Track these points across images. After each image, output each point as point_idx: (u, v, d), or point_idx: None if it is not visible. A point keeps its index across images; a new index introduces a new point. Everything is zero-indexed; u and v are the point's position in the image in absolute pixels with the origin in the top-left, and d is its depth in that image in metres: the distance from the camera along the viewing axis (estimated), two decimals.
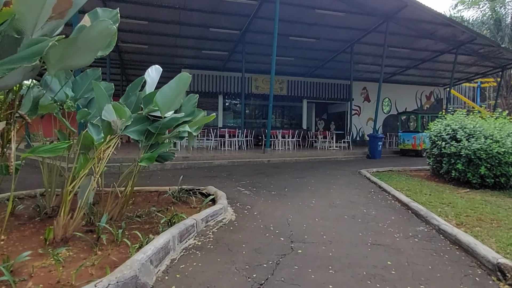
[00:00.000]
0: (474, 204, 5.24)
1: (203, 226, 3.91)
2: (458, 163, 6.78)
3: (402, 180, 7.37)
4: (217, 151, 12.04)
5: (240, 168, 9.06)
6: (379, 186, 6.70)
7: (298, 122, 20.42)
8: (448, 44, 15.34)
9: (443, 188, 6.52)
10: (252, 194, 5.78)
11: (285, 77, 19.00)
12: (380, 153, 12.86)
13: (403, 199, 5.28)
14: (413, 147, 13.51)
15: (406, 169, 9.48)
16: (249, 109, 19.98)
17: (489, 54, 16.82)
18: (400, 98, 21.60)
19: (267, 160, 10.45)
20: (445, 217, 4.53)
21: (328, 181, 7.29)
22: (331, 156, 12.40)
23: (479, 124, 7.07)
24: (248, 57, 15.82)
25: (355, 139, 20.43)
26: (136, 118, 4.11)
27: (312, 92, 19.56)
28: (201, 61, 17.09)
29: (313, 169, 9.30)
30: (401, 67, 18.83)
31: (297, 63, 17.72)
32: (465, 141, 6.79)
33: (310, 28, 13.48)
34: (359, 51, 15.90)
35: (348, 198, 5.61)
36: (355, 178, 7.73)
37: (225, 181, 7.11)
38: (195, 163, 9.27)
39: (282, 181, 7.19)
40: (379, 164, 10.63)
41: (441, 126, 7.66)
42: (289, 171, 8.79)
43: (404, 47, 15.70)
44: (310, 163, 10.78)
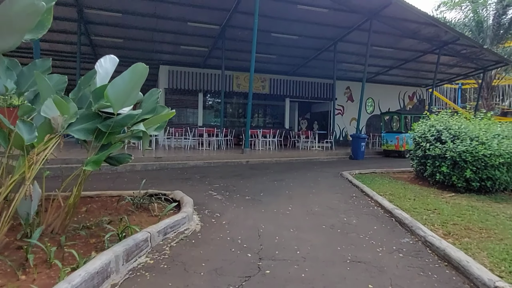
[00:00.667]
0: (460, 210, 4.90)
1: (160, 240, 3.39)
2: (443, 166, 6.46)
3: (385, 183, 7.01)
4: (194, 151, 11.48)
5: (215, 170, 8.54)
6: (361, 190, 6.32)
7: (281, 121, 20.01)
8: (431, 44, 15.21)
9: (428, 192, 6.19)
10: (224, 199, 5.29)
11: (267, 75, 18.55)
12: (363, 154, 12.56)
13: (386, 205, 4.89)
14: (396, 148, 13.28)
15: (389, 171, 9.17)
16: (230, 108, 19.45)
17: (471, 55, 16.82)
18: (383, 98, 21.47)
19: (246, 161, 9.97)
20: (431, 226, 4.16)
21: (308, 184, 6.86)
22: (313, 156, 12.02)
23: (464, 125, 6.77)
24: (229, 53, 15.28)
25: (338, 139, 20.18)
26: (84, 115, 3.55)
27: (295, 91, 19.18)
28: (180, 57, 16.45)
29: (293, 170, 8.87)
30: (384, 66, 18.66)
31: (280, 61, 17.29)
32: (450, 142, 6.48)
33: (292, 24, 13.06)
34: (342, 49, 15.59)
35: (328, 204, 5.18)
36: (337, 181, 7.34)
37: (197, 184, 6.59)
38: (168, 164, 8.70)
39: (259, 184, 6.72)
40: (362, 166, 10.30)
41: (425, 127, 7.35)
42: (267, 173, 8.33)
43: (388, 46, 15.49)
44: (290, 164, 10.36)
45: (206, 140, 12.50)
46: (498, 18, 20.11)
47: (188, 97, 17.63)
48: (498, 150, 6.11)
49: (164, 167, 8.54)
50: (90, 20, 12.41)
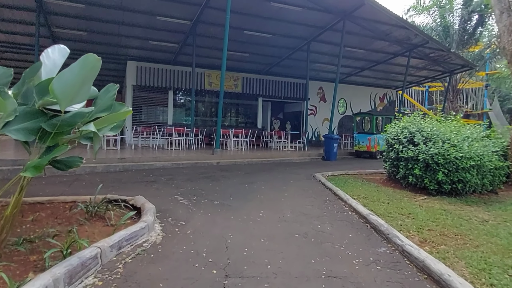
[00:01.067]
0: (434, 214, 4.80)
1: (112, 256, 2.99)
2: (415, 168, 6.40)
3: (358, 186, 6.88)
4: (162, 151, 10.96)
5: (184, 171, 8.11)
6: (334, 193, 6.13)
7: (253, 121, 19.74)
8: (402, 46, 15.44)
9: (401, 195, 6.09)
10: (191, 205, 4.91)
11: (240, 74, 18.21)
12: (335, 155, 12.51)
13: (360, 210, 4.70)
14: (368, 149, 13.34)
15: (362, 173, 9.10)
16: (202, 106, 18.96)
17: (439, 59, 17.27)
18: (355, 99, 21.70)
19: (216, 162, 9.59)
20: (407, 232, 4.00)
21: (280, 187, 6.60)
22: (286, 157, 11.82)
23: (436, 128, 6.76)
24: (200, 50, 14.82)
25: (311, 140, 20.18)
26: (25, 112, 3.07)
27: (268, 90, 18.97)
28: (149, 53, 15.78)
29: (265, 172, 8.60)
30: (356, 68, 18.82)
31: (253, 60, 17.01)
32: (422, 145, 6.43)
33: (265, 22, 12.79)
34: (316, 49, 15.52)
35: (301, 209, 4.93)
36: (310, 184, 7.13)
37: (163, 187, 6.16)
38: (133, 165, 8.17)
39: (229, 187, 6.39)
40: (334, 167, 10.20)
41: (398, 129, 7.29)
42: (238, 174, 8.01)
43: (360, 47, 15.57)
44: (262, 165, 10.09)
45: (176, 140, 11.98)
46: (464, 24, 20.82)
47: (157, 94, 16.98)
48: (468, 152, 6.11)
49: (128, 169, 8.01)
50: (51, 10, 11.57)
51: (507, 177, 7.24)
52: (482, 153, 6.31)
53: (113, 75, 19.69)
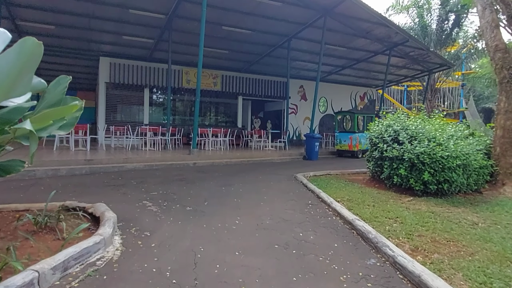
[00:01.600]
0: (422, 218, 4.50)
1: (56, 279, 2.49)
2: (400, 168, 6.12)
3: (342, 187, 6.56)
4: (136, 152, 10.34)
5: (157, 173, 7.58)
6: (317, 195, 5.76)
7: (233, 120, 19.28)
8: (383, 44, 15.34)
9: (386, 197, 5.79)
10: (160, 212, 4.42)
11: (219, 72, 17.70)
12: (317, 154, 12.22)
13: (345, 215, 4.34)
14: (350, 148, 13.13)
15: (344, 173, 8.81)
16: (180, 105, 18.35)
17: (418, 57, 17.30)
18: (336, 98, 21.58)
19: (193, 163, 9.08)
20: (397, 239, 3.66)
21: (259, 189, 6.18)
22: (266, 157, 11.43)
23: (421, 126, 6.51)
24: (177, 47, 14.24)
25: (292, 139, 19.91)
26: None
27: (248, 88, 18.54)
28: (123, 48, 15.05)
29: (244, 173, 8.17)
30: (337, 66, 18.65)
31: (232, 57, 16.53)
32: (407, 143, 6.15)
33: (244, 17, 12.35)
34: (296, 47, 15.21)
35: (281, 214, 4.53)
36: (291, 185, 6.75)
37: (131, 192, 5.62)
38: (102, 168, 7.56)
39: (205, 190, 5.92)
40: (316, 167, 9.89)
41: (382, 127, 7.01)
42: (216, 176, 7.54)
43: (341, 45, 15.37)
44: (242, 166, 9.66)
45: (150, 140, 11.38)
46: (441, 23, 21.05)
47: (132, 92, 16.27)
48: (455, 151, 5.88)
49: (95, 171, 7.39)
50: (13, 1, 10.73)
51: (491, 176, 7.08)
52: (468, 151, 6.09)
53: (86, 72, 18.79)
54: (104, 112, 15.73)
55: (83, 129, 10.37)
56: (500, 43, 7.34)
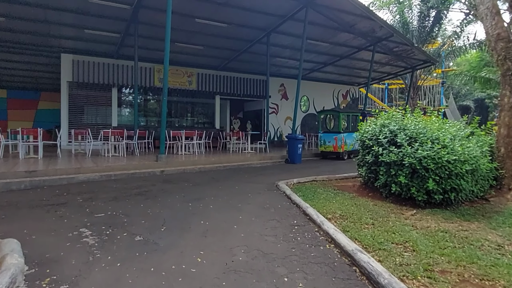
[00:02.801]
0: (437, 241, 3.58)
1: None
2: (399, 175, 5.20)
3: (331, 198, 5.59)
4: (96, 159, 9.08)
5: (114, 186, 6.39)
6: (303, 211, 4.76)
7: (211, 121, 18.14)
8: (366, 40, 14.57)
9: (385, 211, 4.86)
10: (97, 246, 3.30)
11: (194, 69, 16.53)
12: (300, 157, 11.27)
13: (342, 242, 3.35)
14: (335, 149, 12.24)
15: (331, 178, 7.88)
16: (153, 105, 17.09)
17: (402, 54, 16.69)
18: (318, 97, 20.78)
19: (160, 171, 7.93)
20: (415, 280, 2.72)
21: (234, 205, 5.13)
22: (245, 161, 10.38)
23: (422, 125, 5.61)
24: (146, 42, 13.03)
25: (273, 140, 18.95)
26: None
27: (226, 87, 17.44)
28: (87, 44, 13.67)
29: (218, 182, 7.09)
30: (319, 63, 17.79)
31: (208, 53, 15.38)
32: (407, 146, 5.24)
33: (219, 9, 11.25)
34: (276, 42, 14.24)
35: (259, 243, 3.49)
36: (272, 198, 5.72)
37: (71, 214, 4.45)
38: (46, 180, 6.31)
39: (166, 208, 4.81)
40: (300, 172, 8.93)
41: (375, 127, 6.09)
42: (185, 187, 6.43)
43: (324, 40, 14.51)
44: (217, 172, 8.58)
45: (114, 145, 10.13)
46: (423, 20, 20.62)
47: (99, 92, 14.92)
48: (462, 154, 5.01)
49: (38, 185, 6.14)
50: None
51: (495, 179, 6.29)
52: (476, 154, 5.25)
53: (48, 71, 17.20)
54: (67, 114, 14.31)
55: (34, 133, 9.02)
56: (502, 31, 6.54)
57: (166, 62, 9.06)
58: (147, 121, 16.57)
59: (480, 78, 25.82)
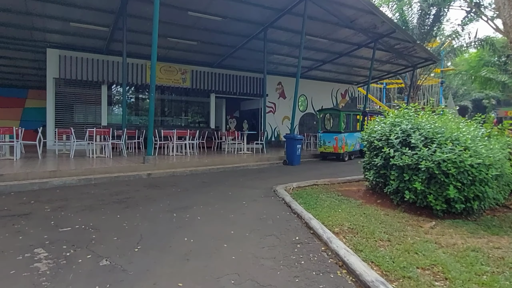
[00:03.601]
0: (470, 263, 2.94)
1: None
2: (415, 181, 4.56)
3: (336, 206, 4.94)
4: (78, 161, 8.38)
5: (91, 192, 5.70)
6: (306, 223, 4.11)
7: (206, 120, 17.45)
8: (367, 36, 13.96)
9: (400, 222, 4.22)
10: (50, 274, 2.61)
11: (188, 66, 15.84)
12: (299, 158, 10.62)
13: (358, 269, 2.69)
14: (335, 150, 11.60)
15: (334, 182, 7.23)
16: (144, 104, 16.38)
17: (404, 51, 16.10)
18: (316, 96, 20.15)
19: (147, 174, 7.25)
20: None
21: (226, 216, 4.46)
22: (241, 163, 9.72)
23: (440, 124, 4.97)
24: (137, 36, 12.35)
25: (270, 140, 18.29)
26: None
27: (222, 85, 16.74)
28: (74, 38, 12.94)
29: (210, 187, 6.42)
30: (318, 60, 17.15)
31: (203, 50, 14.69)
32: (423, 148, 4.60)
33: (214, 1, 10.57)
34: (273, 38, 13.60)
35: (254, 270, 2.82)
36: (270, 206, 5.06)
37: (32, 227, 3.76)
38: (14, 186, 5.60)
39: (146, 220, 4.13)
40: (299, 174, 8.29)
41: (385, 126, 5.44)
42: (171, 193, 5.76)
43: (323, 36, 13.87)
44: (210, 175, 7.91)
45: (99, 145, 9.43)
46: (423, 18, 20.06)
47: (88, 90, 14.20)
48: (487, 157, 4.38)
49: (4, 192, 5.40)
50: None
51: None
52: (500, 157, 4.62)
53: (35, 67, 16.44)
54: (53, 113, 13.57)
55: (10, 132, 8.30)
56: None
57: (153, 54, 8.41)
58: (139, 120, 15.86)
59: (481, 77, 25.40)
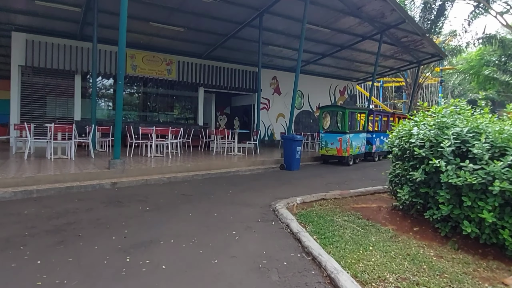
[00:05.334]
0: None
1: None
2: (481, 209, 3.16)
3: (361, 238, 3.54)
4: (28, 163, 6.81)
5: (23, 213, 4.15)
6: (330, 280, 2.67)
7: (194, 116, 15.91)
8: (373, 26, 12.60)
9: (467, 274, 2.81)
10: None
11: (174, 57, 14.26)
12: (298, 163, 9.20)
13: None
14: (339, 153, 10.20)
15: (345, 195, 5.83)
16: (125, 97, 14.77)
17: (410, 45, 14.82)
18: (313, 92, 18.75)
19: (111, 183, 5.73)
20: None
21: (206, 259, 2.97)
22: (231, 168, 8.26)
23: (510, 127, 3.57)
24: (113, 19, 10.68)
25: (263, 139, 16.84)
26: None
27: (211, 78, 15.19)
28: (43, 21, 11.26)
29: (189, 204, 4.94)
30: (317, 53, 15.73)
31: (190, 38, 13.11)
32: (496, 162, 3.18)
33: None
34: (269, 26, 12.13)
35: None
36: (270, 240, 3.58)
37: None
38: None
39: (78, 272, 2.62)
40: (301, 183, 6.88)
41: (426, 130, 4.02)
42: (135, 214, 4.26)
43: (325, 25, 12.45)
44: (192, 185, 6.43)
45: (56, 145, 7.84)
46: (428, 11, 18.89)
47: (59, 80, 12.54)
48: None
49: None
50: None
51: None
52: None
53: None
54: (17, 105, 11.89)
55: None
56: None
57: (121, 39, 6.83)
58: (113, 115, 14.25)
59: (484, 76, 24.40)
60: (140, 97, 15.04)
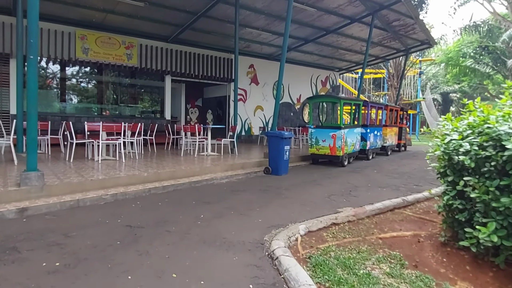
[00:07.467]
0: None
1: None
2: None
3: None
4: None
5: None
6: None
7: (160, 109, 13.86)
8: (365, 5, 11.09)
9: None
10: None
11: (135, 39, 12.11)
12: (287, 165, 7.50)
13: None
14: (332, 152, 8.59)
15: (361, 215, 4.23)
16: (73, 86, 12.53)
17: (401, 30, 13.51)
18: (294, 82, 17.10)
19: (18, 210, 3.75)
20: None
21: None
22: (203, 174, 6.45)
23: None
24: None
25: (240, 134, 15.05)
26: None
27: (180, 65, 13.15)
28: None
29: (136, 244, 3.12)
30: (299, 38, 14.04)
31: (154, 16, 11.00)
32: None
33: None
34: (247, 3, 10.32)
35: None
36: None
37: None
38: None
39: None
40: (296, 195, 5.21)
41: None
42: (32, 276, 2.41)
43: (311, 4, 10.78)
44: (147, 204, 4.58)
45: None
46: None
47: None
48: None
49: None
50: None
51: None
52: None
53: None
54: None
55: None
56: None
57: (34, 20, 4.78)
58: (64, 107, 11.99)
59: (463, 67, 23.79)
60: (94, 86, 12.80)
